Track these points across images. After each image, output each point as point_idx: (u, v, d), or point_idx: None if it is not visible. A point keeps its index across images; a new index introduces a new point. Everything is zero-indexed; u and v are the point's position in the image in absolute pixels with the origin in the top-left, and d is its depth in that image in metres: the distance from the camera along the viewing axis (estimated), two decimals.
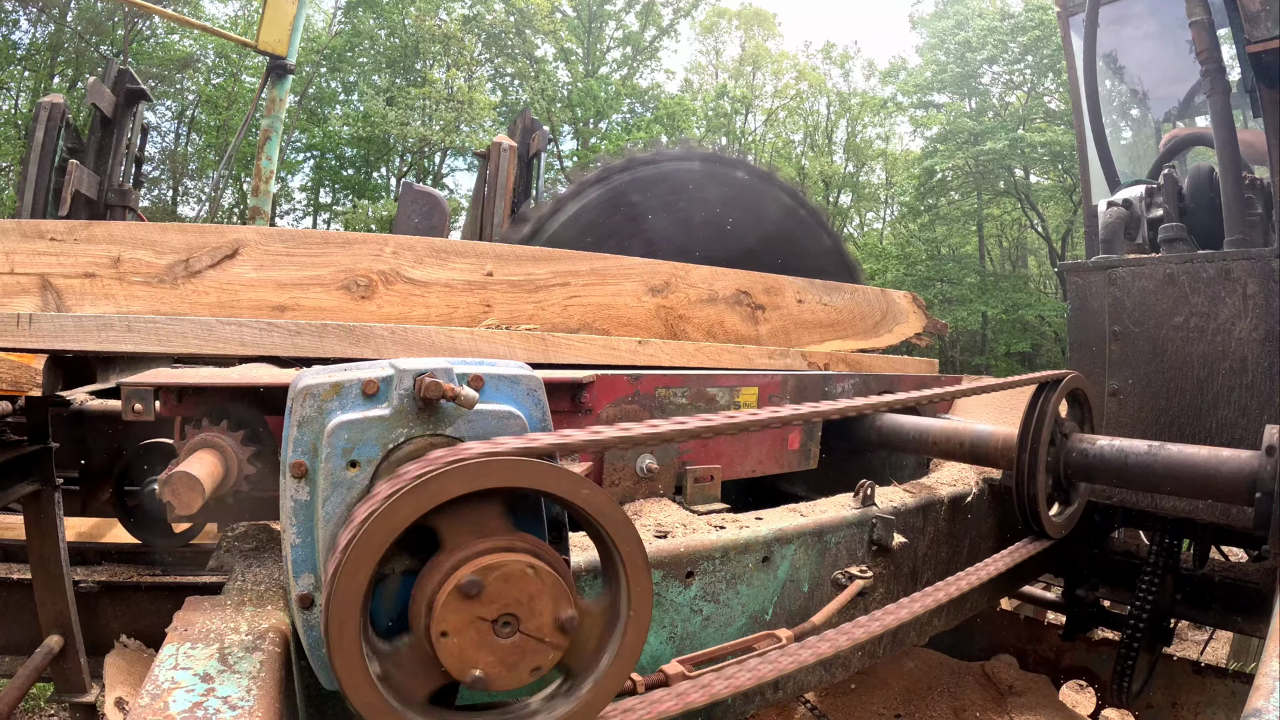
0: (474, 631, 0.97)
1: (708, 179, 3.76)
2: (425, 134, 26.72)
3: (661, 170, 3.71)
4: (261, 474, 1.31)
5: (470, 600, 0.96)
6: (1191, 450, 1.86)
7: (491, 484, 0.99)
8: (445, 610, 0.96)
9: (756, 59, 34.24)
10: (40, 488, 2.36)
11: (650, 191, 3.67)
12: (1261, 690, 0.96)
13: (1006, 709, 3.20)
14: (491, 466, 0.99)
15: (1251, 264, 2.36)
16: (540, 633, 0.99)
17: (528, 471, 1.01)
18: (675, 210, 3.69)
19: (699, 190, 3.73)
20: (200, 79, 26.37)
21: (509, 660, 0.99)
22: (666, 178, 3.70)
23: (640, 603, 1.08)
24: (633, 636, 1.07)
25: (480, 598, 0.96)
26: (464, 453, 0.99)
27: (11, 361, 1.49)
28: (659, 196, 3.68)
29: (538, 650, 1.00)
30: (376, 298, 2.01)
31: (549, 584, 1.00)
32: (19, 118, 23.58)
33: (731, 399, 2.06)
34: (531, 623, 0.99)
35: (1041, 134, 25.17)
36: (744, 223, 3.76)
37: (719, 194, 3.75)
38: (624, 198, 3.65)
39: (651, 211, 3.66)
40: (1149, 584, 2.63)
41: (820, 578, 1.79)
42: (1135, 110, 4.63)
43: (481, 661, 0.97)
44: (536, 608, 0.99)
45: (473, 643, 0.97)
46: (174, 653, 1.04)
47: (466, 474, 0.97)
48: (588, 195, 3.64)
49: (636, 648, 1.08)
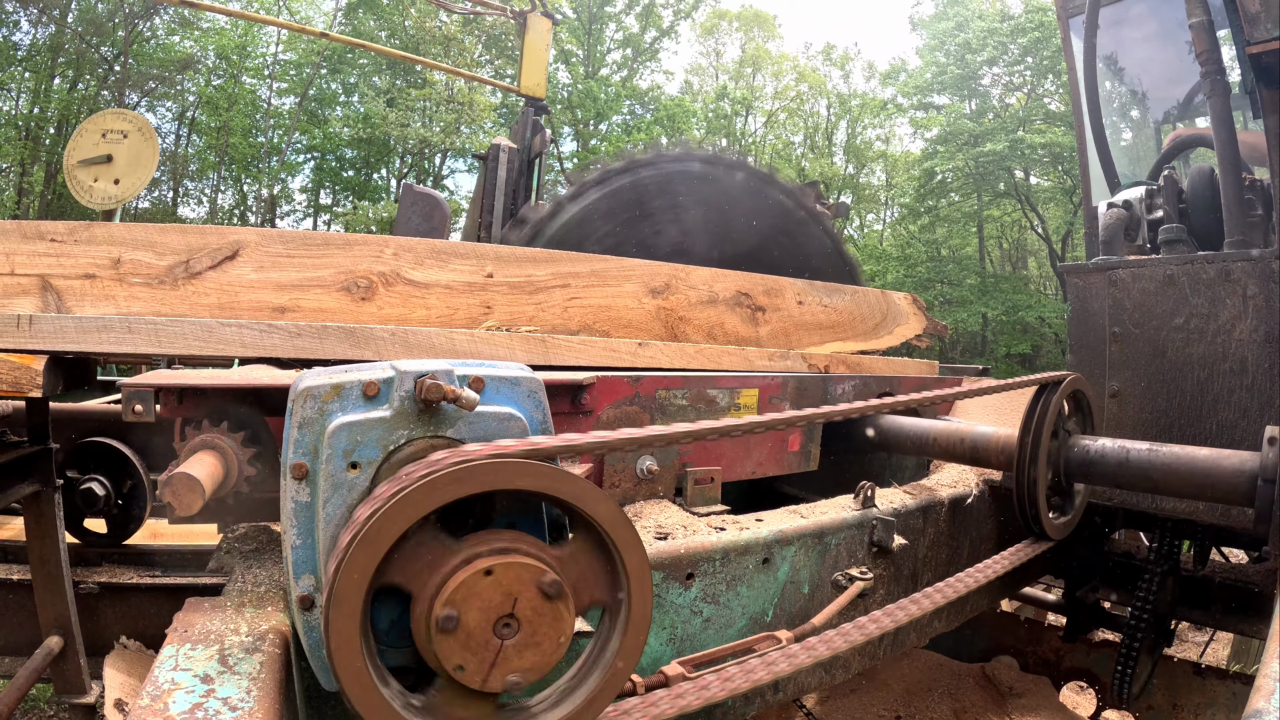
0: (482, 652, 0.97)
1: (707, 180, 3.76)
2: (425, 135, 26.74)
3: (661, 172, 3.71)
4: (262, 475, 1.31)
5: (456, 633, 0.96)
6: (1192, 451, 1.85)
7: (493, 486, 0.99)
8: (445, 650, 0.96)
9: (756, 60, 34.26)
10: (40, 488, 2.36)
11: (650, 192, 3.67)
12: (1262, 691, 0.96)
13: (1007, 710, 3.20)
14: (493, 468, 0.98)
15: (1251, 265, 2.36)
16: (537, 611, 0.99)
17: (528, 474, 1.01)
18: (675, 211, 3.69)
19: (698, 191, 3.73)
20: (200, 80, 26.38)
21: (530, 649, 0.99)
22: (666, 179, 3.71)
23: (640, 604, 1.07)
24: (633, 637, 1.07)
25: (462, 625, 0.96)
26: (466, 454, 0.99)
27: (12, 363, 1.49)
28: (659, 197, 3.68)
29: (549, 624, 1.00)
30: (377, 299, 2.00)
31: (514, 572, 0.99)
32: (19, 118, 23.60)
33: (732, 401, 2.06)
34: (524, 609, 0.99)
35: (1042, 135, 25.19)
36: (743, 224, 3.76)
37: (719, 195, 3.75)
38: (624, 199, 3.65)
39: (652, 213, 3.66)
40: (1149, 585, 2.63)
41: (820, 579, 1.79)
42: (1135, 111, 4.63)
43: (508, 669, 0.98)
44: (520, 596, 0.99)
45: (488, 661, 0.97)
46: (174, 654, 1.04)
47: (469, 476, 0.97)
48: (588, 197, 3.65)
49: (637, 649, 1.08)
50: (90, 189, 5.39)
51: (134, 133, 5.44)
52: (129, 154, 5.39)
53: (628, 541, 1.06)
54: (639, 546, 1.07)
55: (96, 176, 5.39)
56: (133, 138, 5.42)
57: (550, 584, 0.99)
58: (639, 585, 1.07)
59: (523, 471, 1.00)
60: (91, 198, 5.37)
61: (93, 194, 5.38)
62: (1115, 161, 3.79)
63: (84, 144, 5.42)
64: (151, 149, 5.46)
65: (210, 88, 26.34)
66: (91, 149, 5.43)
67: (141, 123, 5.51)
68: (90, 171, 5.41)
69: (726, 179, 3.81)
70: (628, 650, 1.07)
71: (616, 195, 3.64)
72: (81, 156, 5.41)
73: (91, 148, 5.43)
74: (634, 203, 3.64)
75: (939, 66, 28.92)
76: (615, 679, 1.07)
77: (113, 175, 5.37)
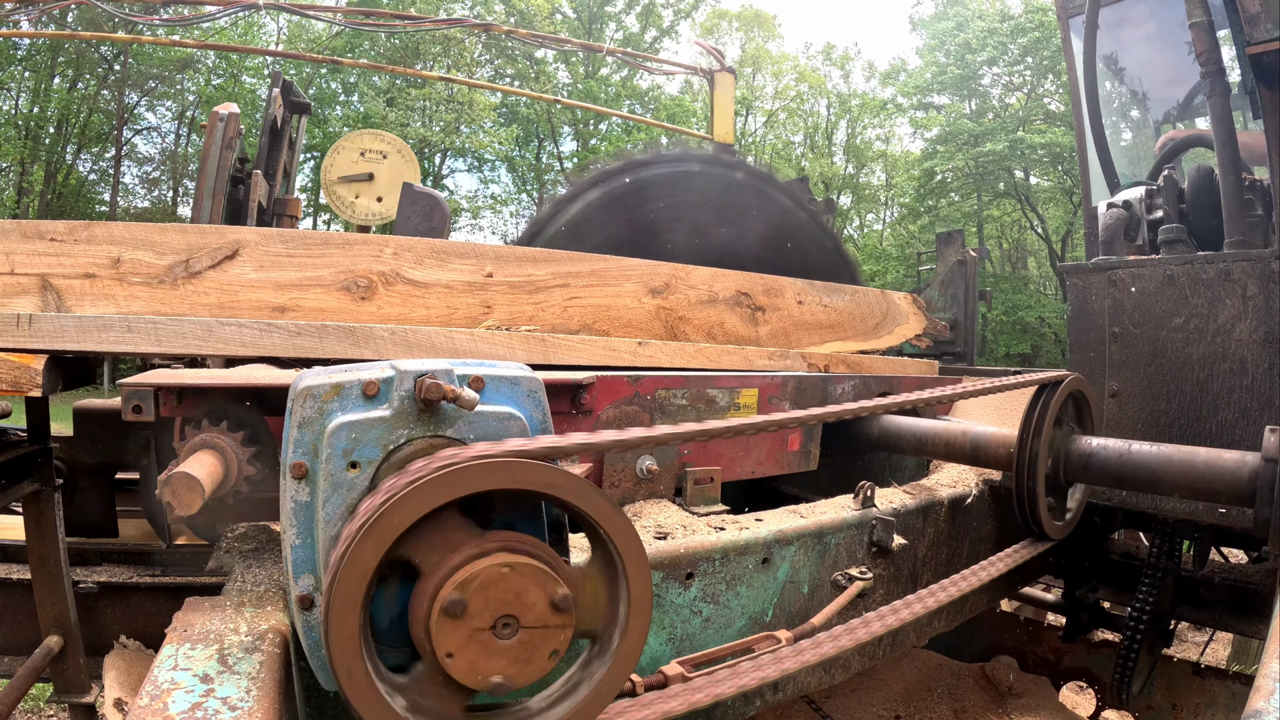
0: (476, 644, 0.97)
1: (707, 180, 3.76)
2: (425, 135, 26.74)
3: (661, 172, 3.71)
4: (261, 475, 1.31)
5: (460, 619, 0.96)
6: (1191, 451, 1.85)
7: (493, 485, 0.99)
8: (441, 634, 0.96)
9: (757, 60, 34.28)
10: (40, 488, 2.36)
11: (650, 193, 3.67)
12: (1261, 691, 0.96)
13: (1006, 710, 3.20)
14: (492, 468, 0.98)
15: (1251, 265, 2.36)
16: (541, 621, 0.99)
17: (528, 473, 1.01)
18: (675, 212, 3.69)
19: (698, 191, 3.73)
20: (200, 80, 26.40)
21: (522, 656, 0.99)
22: (666, 179, 3.70)
23: (640, 604, 1.07)
24: (632, 638, 1.07)
25: (468, 612, 0.96)
26: (466, 454, 0.99)
27: (11, 362, 1.49)
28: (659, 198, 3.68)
29: (546, 637, 1.00)
30: (376, 299, 2.00)
31: (531, 574, 0.99)
32: (20, 118, 23.60)
33: (731, 400, 2.06)
34: (530, 615, 0.99)
35: (1041, 135, 25.22)
36: (743, 224, 3.76)
37: (717, 195, 3.75)
38: (623, 200, 3.65)
39: (652, 214, 3.66)
40: (1149, 585, 2.63)
41: (820, 579, 1.79)
42: (1135, 111, 4.63)
43: (495, 668, 0.98)
44: (528, 600, 0.99)
45: (480, 654, 0.97)
46: (173, 653, 1.04)
47: (468, 475, 0.97)
48: (587, 196, 3.65)
49: (636, 649, 1.08)
50: (352, 205, 5.73)
51: (393, 154, 5.81)
52: (390, 173, 5.73)
53: (627, 542, 1.06)
54: (639, 547, 1.07)
55: (358, 193, 5.73)
56: (392, 158, 5.80)
57: (563, 599, 1.00)
58: (639, 585, 1.07)
59: (548, 479, 1.01)
60: (354, 213, 5.73)
61: (355, 209, 5.73)
62: (1115, 161, 3.79)
63: (342, 161, 5.74)
64: (413, 170, 5.85)
65: (210, 87, 26.35)
66: (351, 166, 5.72)
67: (400, 144, 5.91)
68: (351, 188, 5.72)
69: (726, 178, 3.81)
70: (627, 651, 1.07)
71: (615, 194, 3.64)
72: (341, 174, 5.71)
73: (351, 165, 5.72)
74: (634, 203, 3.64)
75: (939, 66, 28.95)
76: (624, 665, 1.07)
77: (375, 193, 5.71)
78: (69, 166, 25.56)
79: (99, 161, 26.50)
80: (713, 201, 3.74)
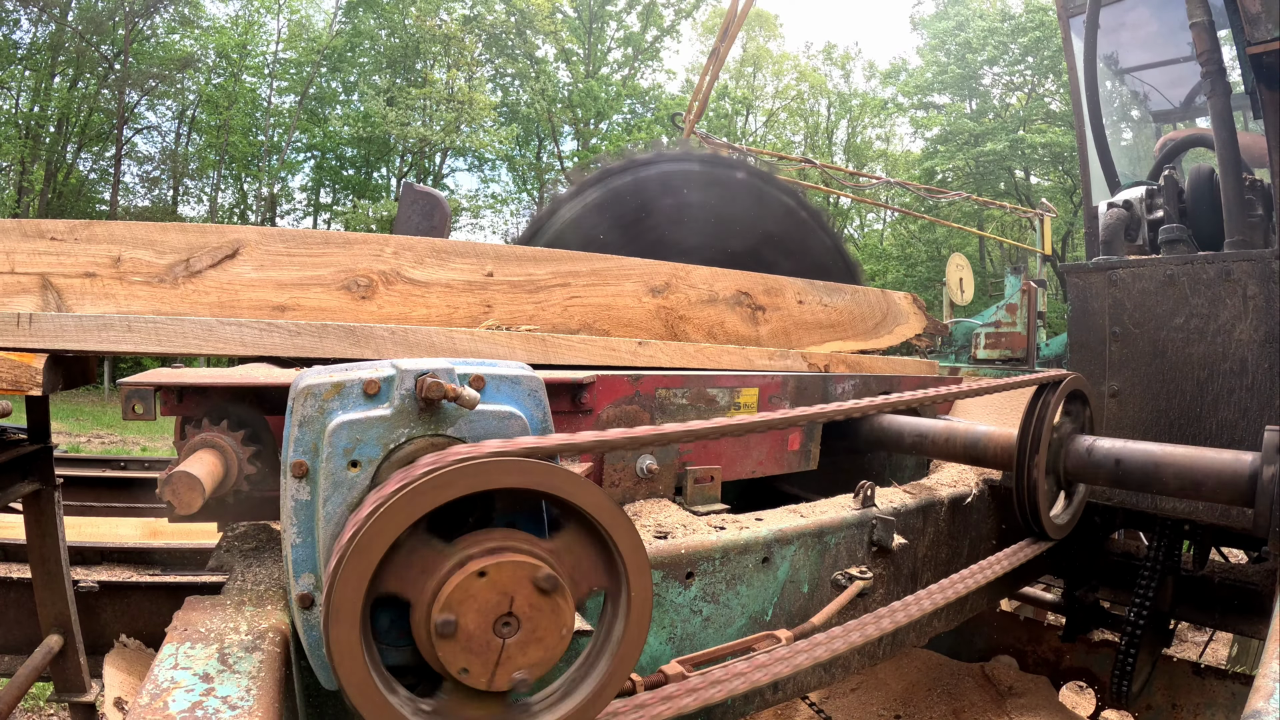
0: (485, 653, 0.97)
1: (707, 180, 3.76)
2: (426, 134, 26.73)
3: (661, 171, 3.71)
4: (262, 474, 1.31)
5: (457, 637, 0.96)
6: (1191, 451, 1.85)
7: (494, 484, 0.99)
8: (447, 655, 0.96)
9: (757, 60, 34.27)
10: (40, 487, 2.36)
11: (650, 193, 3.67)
12: (1261, 691, 0.96)
13: (1006, 710, 3.20)
14: (494, 466, 0.98)
15: (1252, 265, 2.35)
16: (536, 607, 0.99)
17: (529, 472, 1.01)
18: (675, 211, 3.69)
19: (698, 191, 3.73)
20: (200, 79, 26.39)
21: (534, 646, 0.99)
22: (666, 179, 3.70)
23: (640, 603, 1.07)
24: (632, 637, 1.07)
25: (462, 629, 0.96)
26: (466, 453, 0.99)
27: (12, 361, 1.49)
28: (659, 198, 3.68)
29: (549, 618, 1.00)
30: (377, 298, 2.00)
31: (507, 571, 0.99)
32: (20, 117, 23.60)
33: (732, 400, 2.06)
34: (523, 606, 0.99)
35: (1042, 135, 25.22)
36: (743, 224, 3.76)
37: (718, 195, 3.75)
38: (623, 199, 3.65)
39: (651, 213, 3.66)
40: (1149, 585, 2.63)
41: (820, 579, 1.79)
42: (1135, 111, 4.63)
43: (513, 666, 0.98)
44: (516, 594, 0.98)
45: (492, 662, 0.97)
46: (174, 652, 1.04)
47: (472, 473, 0.97)
48: (588, 196, 3.64)
49: (636, 648, 1.08)
50: None
51: None
52: None
53: (615, 523, 1.05)
54: (628, 526, 1.06)
55: None
56: None
57: (545, 579, 0.99)
58: (635, 565, 1.07)
59: (502, 470, 0.99)
60: None
61: None
62: (1115, 161, 3.79)
63: None
64: None
65: (210, 86, 26.35)
66: None
67: None
68: None
69: (726, 178, 3.81)
70: (627, 650, 1.07)
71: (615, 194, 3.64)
72: None
73: None
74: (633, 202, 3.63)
75: (939, 66, 28.94)
76: (623, 664, 1.06)
77: None
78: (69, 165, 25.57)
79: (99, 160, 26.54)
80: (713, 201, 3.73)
